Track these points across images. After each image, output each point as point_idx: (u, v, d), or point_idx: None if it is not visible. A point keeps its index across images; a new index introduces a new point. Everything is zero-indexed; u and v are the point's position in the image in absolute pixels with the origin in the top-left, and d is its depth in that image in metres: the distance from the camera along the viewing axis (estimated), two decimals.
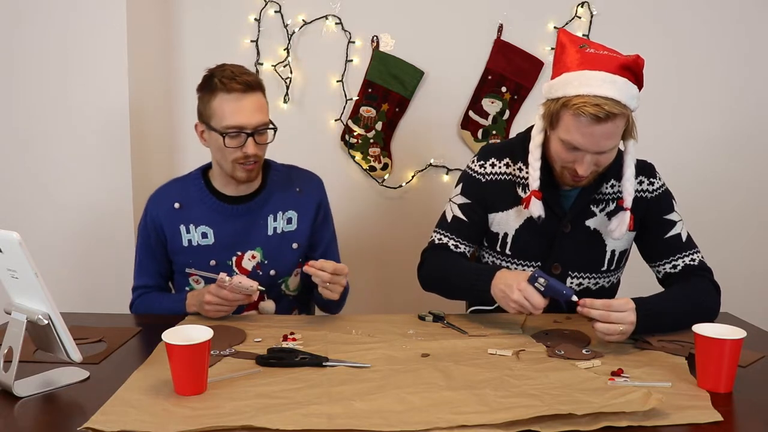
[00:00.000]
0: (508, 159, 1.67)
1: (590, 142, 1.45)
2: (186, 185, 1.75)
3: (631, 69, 1.45)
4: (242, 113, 1.61)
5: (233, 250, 1.71)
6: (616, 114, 1.42)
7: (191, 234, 1.70)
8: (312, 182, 1.82)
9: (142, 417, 1.07)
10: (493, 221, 1.68)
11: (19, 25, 2.28)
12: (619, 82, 1.43)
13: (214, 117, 1.62)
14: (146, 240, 1.74)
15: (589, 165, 1.49)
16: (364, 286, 1.86)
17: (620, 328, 1.36)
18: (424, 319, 1.60)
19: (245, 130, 1.61)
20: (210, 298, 1.54)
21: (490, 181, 1.67)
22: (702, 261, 1.61)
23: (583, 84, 1.43)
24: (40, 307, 1.19)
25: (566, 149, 1.49)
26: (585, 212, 1.62)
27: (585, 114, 1.41)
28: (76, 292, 2.31)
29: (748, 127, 2.73)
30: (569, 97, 1.44)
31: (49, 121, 2.33)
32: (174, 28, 2.61)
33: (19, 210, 2.34)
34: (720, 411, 1.08)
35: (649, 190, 1.63)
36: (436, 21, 2.63)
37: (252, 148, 1.63)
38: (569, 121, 1.45)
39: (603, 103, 1.40)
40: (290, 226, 1.75)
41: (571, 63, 1.48)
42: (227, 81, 1.60)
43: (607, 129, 1.43)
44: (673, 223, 1.62)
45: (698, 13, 2.65)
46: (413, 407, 1.10)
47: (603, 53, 1.48)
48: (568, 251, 1.63)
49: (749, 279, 2.71)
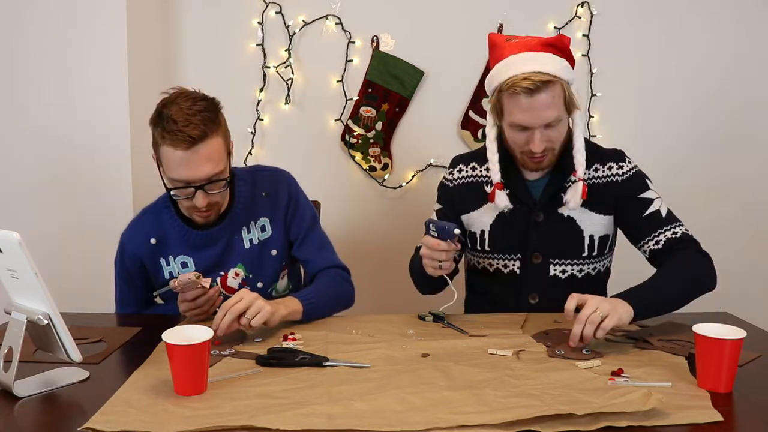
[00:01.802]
0: (474, 163, 1.76)
1: (532, 116, 1.52)
2: (158, 217, 1.68)
3: (554, 45, 1.54)
4: (188, 168, 1.48)
5: (216, 272, 1.68)
6: (547, 82, 1.49)
7: (171, 266, 1.68)
8: (275, 180, 1.74)
9: (142, 417, 1.06)
10: (468, 222, 1.74)
11: (19, 26, 2.29)
12: (542, 56, 1.52)
13: (162, 165, 1.52)
14: (125, 273, 1.72)
15: (540, 141, 1.54)
16: (364, 286, 1.85)
17: (599, 313, 1.32)
18: (424, 319, 1.60)
19: (193, 184, 1.51)
20: (180, 305, 1.56)
21: (457, 185, 1.76)
22: (685, 233, 1.59)
23: (511, 67, 1.52)
24: (40, 307, 1.18)
25: (516, 131, 1.56)
26: (556, 201, 1.65)
27: (518, 91, 1.49)
28: (76, 292, 2.31)
29: (748, 128, 2.73)
30: (502, 81, 1.52)
31: (49, 121, 2.33)
32: (174, 27, 2.61)
33: (19, 209, 2.34)
34: (720, 411, 1.08)
35: (619, 173, 1.65)
36: (436, 21, 2.63)
37: (201, 200, 1.53)
38: (509, 103, 1.54)
39: (531, 76, 1.48)
40: (265, 233, 1.71)
41: (500, 56, 1.57)
42: (169, 136, 1.46)
43: (544, 99, 1.50)
44: (650, 200, 1.62)
45: (698, 13, 2.66)
46: (413, 407, 1.10)
47: (527, 38, 1.57)
48: (545, 240, 1.66)
49: (749, 279, 2.71)
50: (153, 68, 2.52)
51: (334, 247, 1.79)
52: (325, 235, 1.79)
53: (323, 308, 1.61)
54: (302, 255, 1.74)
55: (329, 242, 1.79)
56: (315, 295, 1.60)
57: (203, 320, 1.53)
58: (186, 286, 1.51)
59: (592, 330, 1.33)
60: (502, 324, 1.55)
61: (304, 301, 1.56)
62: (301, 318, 1.54)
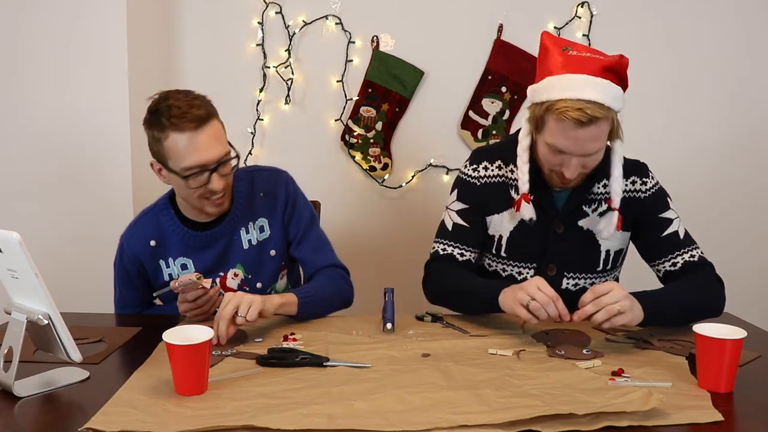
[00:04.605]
0: (499, 161, 1.67)
1: (575, 145, 1.45)
2: (157, 219, 1.68)
3: (613, 70, 1.45)
4: (200, 150, 1.50)
5: (215, 273, 1.68)
6: (600, 117, 1.42)
7: (171, 268, 1.68)
8: (274, 181, 1.73)
9: (142, 417, 1.06)
10: (489, 224, 1.67)
11: (19, 26, 2.29)
12: (601, 84, 1.43)
13: (170, 158, 1.52)
14: (125, 275, 1.71)
15: (575, 168, 1.49)
16: (363, 286, 1.85)
17: (617, 306, 1.34)
18: (423, 320, 1.60)
19: (207, 167, 1.52)
20: (180, 306, 1.56)
21: (485, 184, 1.67)
22: (702, 257, 1.60)
23: (566, 88, 1.43)
24: (40, 307, 1.18)
25: (552, 153, 1.49)
26: (577, 212, 1.62)
27: (568, 118, 1.41)
28: (76, 292, 2.31)
29: (749, 128, 2.73)
30: (553, 101, 1.44)
31: (48, 121, 2.33)
32: (174, 27, 2.61)
33: (19, 209, 2.34)
34: (720, 411, 1.08)
35: (642, 189, 1.62)
36: (436, 21, 2.63)
37: (217, 183, 1.54)
38: (553, 126, 1.46)
39: (586, 107, 1.40)
40: (263, 234, 1.70)
41: (554, 66, 1.47)
42: (176, 120, 1.48)
43: (591, 132, 1.43)
44: (670, 221, 1.61)
45: (698, 13, 2.66)
46: (414, 407, 1.10)
47: (586, 55, 1.47)
48: (563, 252, 1.63)
49: (749, 279, 2.71)
50: (153, 68, 2.52)
51: (332, 247, 1.78)
52: (323, 234, 1.78)
53: (320, 304, 1.60)
54: (300, 255, 1.74)
55: (328, 242, 1.78)
56: (311, 290, 1.60)
57: (203, 320, 1.53)
58: (187, 287, 1.51)
59: (603, 318, 1.34)
60: (503, 324, 1.54)
61: (300, 294, 1.56)
62: (297, 312, 1.54)
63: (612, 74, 1.45)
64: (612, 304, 1.34)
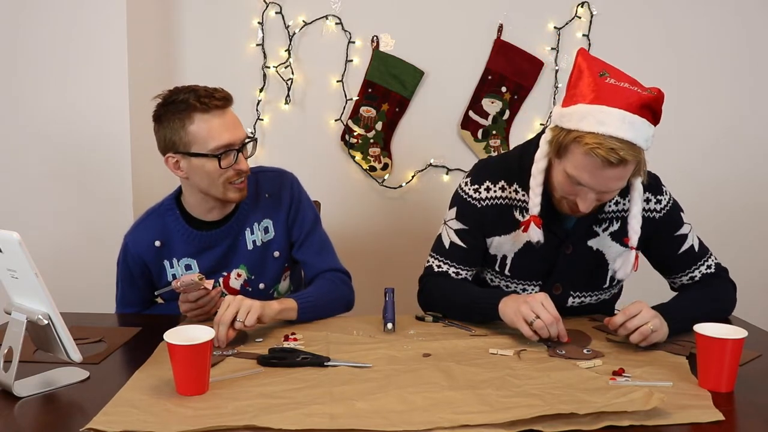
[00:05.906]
0: (503, 182, 1.59)
1: (598, 182, 1.38)
2: (162, 219, 1.67)
3: (651, 107, 1.35)
4: (229, 129, 1.55)
5: (219, 273, 1.68)
6: (630, 160, 1.34)
7: (175, 268, 1.68)
8: (279, 181, 1.74)
9: (144, 417, 1.06)
10: (491, 244, 1.62)
11: (19, 26, 2.28)
12: (637, 123, 1.33)
13: (196, 142, 1.53)
14: (128, 274, 1.71)
15: (591, 202, 1.42)
16: (363, 286, 1.85)
17: (650, 326, 1.35)
18: (423, 320, 1.60)
19: (234, 147, 1.55)
20: (181, 306, 1.55)
21: (486, 206, 1.59)
22: (718, 264, 1.61)
23: (600, 122, 1.32)
24: (40, 307, 1.18)
25: (570, 183, 1.41)
26: (587, 232, 1.56)
27: (597, 156, 1.32)
28: (76, 292, 2.31)
29: (749, 128, 2.73)
30: (583, 133, 1.33)
31: (48, 121, 2.33)
32: (174, 27, 2.61)
33: (19, 209, 2.34)
34: (721, 410, 1.08)
35: (657, 209, 1.56)
36: (436, 21, 2.63)
37: (245, 163, 1.58)
38: (579, 158, 1.36)
39: (618, 148, 1.31)
40: (268, 235, 1.70)
41: (587, 92, 1.37)
42: (206, 99, 1.52)
43: (618, 173, 1.36)
44: (684, 237, 1.58)
45: (698, 13, 2.66)
46: (415, 407, 1.10)
47: (623, 86, 1.36)
48: (570, 272, 1.59)
49: (749, 279, 2.70)
50: (153, 68, 2.52)
51: (335, 250, 1.78)
52: (326, 237, 1.78)
53: (320, 309, 1.59)
54: (302, 257, 1.73)
55: (330, 245, 1.77)
56: (311, 295, 1.60)
57: (204, 320, 1.53)
58: (189, 288, 1.51)
59: (638, 340, 1.36)
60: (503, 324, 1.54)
61: (300, 299, 1.55)
62: (296, 317, 1.54)
63: (648, 111, 1.35)
64: (643, 325, 1.35)
